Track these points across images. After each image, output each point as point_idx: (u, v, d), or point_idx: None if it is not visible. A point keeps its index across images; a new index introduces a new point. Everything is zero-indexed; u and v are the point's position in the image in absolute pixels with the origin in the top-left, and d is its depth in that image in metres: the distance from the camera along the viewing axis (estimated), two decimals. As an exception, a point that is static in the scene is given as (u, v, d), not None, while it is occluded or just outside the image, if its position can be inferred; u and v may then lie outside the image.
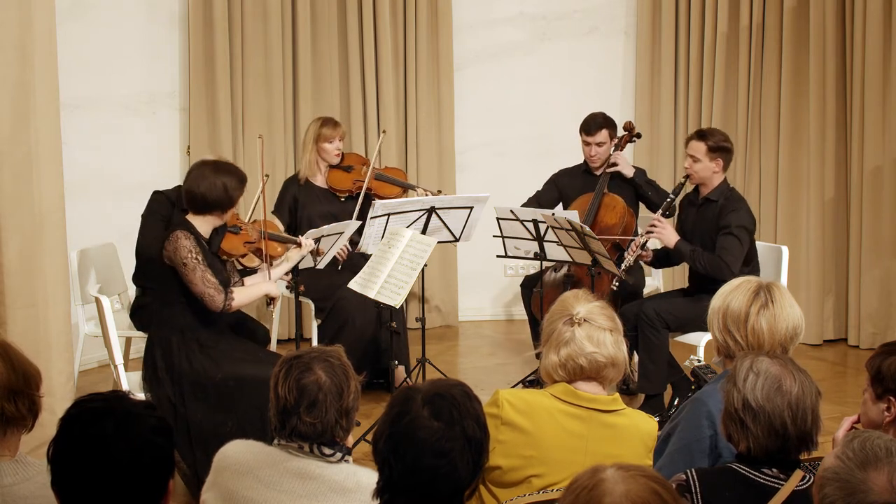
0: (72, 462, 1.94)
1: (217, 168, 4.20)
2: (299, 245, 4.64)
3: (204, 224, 4.20)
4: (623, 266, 5.09)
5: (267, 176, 4.71)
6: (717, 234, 4.99)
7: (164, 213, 4.98)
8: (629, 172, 5.60)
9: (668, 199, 5.22)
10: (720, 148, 5.03)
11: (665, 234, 5.09)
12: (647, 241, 5.14)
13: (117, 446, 1.92)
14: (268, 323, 5.61)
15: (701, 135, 5.10)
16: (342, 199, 5.71)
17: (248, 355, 4.31)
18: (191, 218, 4.19)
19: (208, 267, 4.12)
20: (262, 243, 4.49)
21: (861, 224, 6.35)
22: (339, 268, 5.34)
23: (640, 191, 5.63)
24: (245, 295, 4.32)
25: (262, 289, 4.42)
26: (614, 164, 5.59)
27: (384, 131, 6.18)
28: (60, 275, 4.05)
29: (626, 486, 1.79)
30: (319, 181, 5.71)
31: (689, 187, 5.25)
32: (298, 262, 4.77)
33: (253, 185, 4.81)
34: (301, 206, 5.63)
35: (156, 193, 5.07)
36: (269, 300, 4.47)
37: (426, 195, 5.54)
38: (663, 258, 5.38)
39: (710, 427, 2.82)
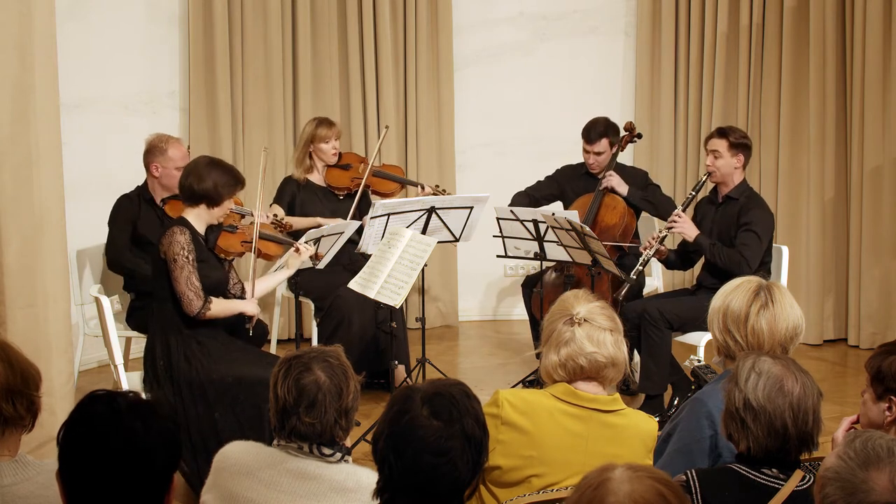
0: (84, 445, 1.94)
1: (211, 163, 4.28)
2: (297, 250, 4.65)
3: (197, 219, 4.24)
4: (642, 260, 5.10)
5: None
6: (736, 231, 5.01)
7: (130, 215, 5.07)
8: (623, 191, 5.56)
9: (689, 195, 5.24)
10: (741, 144, 5.09)
11: (685, 227, 5.11)
12: (665, 237, 5.15)
13: (133, 434, 1.93)
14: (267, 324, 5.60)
15: (722, 132, 5.14)
16: (340, 198, 5.71)
17: (246, 354, 4.31)
18: (186, 213, 4.24)
19: (196, 269, 4.13)
20: (254, 241, 4.53)
21: (861, 224, 6.35)
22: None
23: (636, 207, 5.60)
24: (222, 307, 4.30)
25: (238, 306, 4.39)
26: (608, 187, 5.55)
27: (387, 126, 6.14)
28: (60, 275, 4.04)
29: (631, 487, 1.78)
30: (318, 179, 5.72)
31: (708, 186, 5.27)
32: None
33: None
34: (301, 205, 5.64)
35: (120, 198, 5.14)
36: (248, 318, 4.46)
37: (425, 190, 5.54)
38: (677, 260, 5.37)
39: (710, 427, 2.82)
